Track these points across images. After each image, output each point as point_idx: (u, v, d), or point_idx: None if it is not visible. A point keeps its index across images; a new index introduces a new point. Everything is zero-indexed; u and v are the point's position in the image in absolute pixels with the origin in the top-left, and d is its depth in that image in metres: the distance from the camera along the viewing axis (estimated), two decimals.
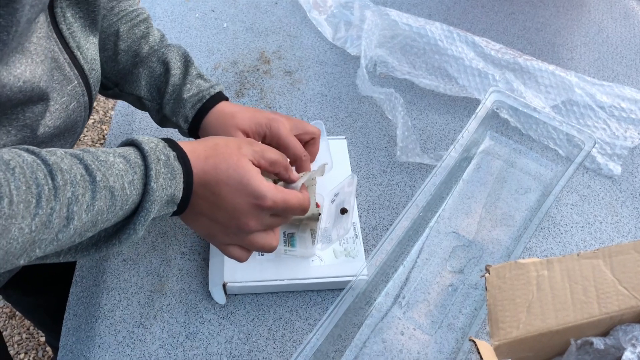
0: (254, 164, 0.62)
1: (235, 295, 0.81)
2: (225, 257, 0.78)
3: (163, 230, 0.86)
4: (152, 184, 0.54)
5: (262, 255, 0.79)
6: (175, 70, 0.74)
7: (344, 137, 0.97)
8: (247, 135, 0.72)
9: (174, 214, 0.60)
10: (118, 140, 0.95)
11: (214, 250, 0.82)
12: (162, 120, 0.77)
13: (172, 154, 0.58)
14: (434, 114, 1.07)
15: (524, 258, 0.83)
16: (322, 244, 0.80)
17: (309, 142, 0.77)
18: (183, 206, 0.59)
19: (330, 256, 0.81)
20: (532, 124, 0.98)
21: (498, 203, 0.93)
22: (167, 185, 0.56)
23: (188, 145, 0.61)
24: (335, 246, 0.82)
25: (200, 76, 0.75)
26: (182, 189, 0.58)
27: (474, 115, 0.90)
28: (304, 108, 1.05)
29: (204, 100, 0.74)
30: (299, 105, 1.05)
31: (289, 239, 0.80)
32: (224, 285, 0.77)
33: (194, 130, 0.75)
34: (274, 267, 0.78)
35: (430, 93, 1.09)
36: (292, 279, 0.78)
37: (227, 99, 0.75)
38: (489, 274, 0.73)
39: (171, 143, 0.59)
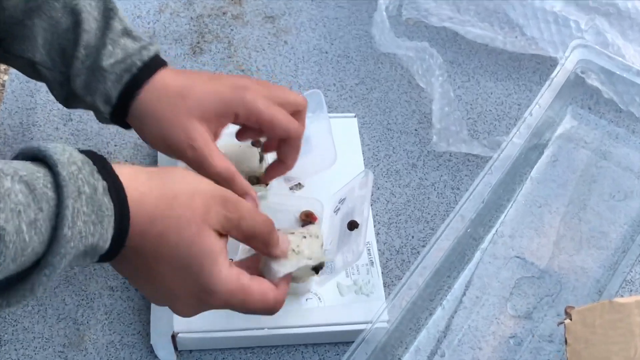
0: (220, 234, 0.62)
1: (191, 351, 0.80)
2: None
3: None
4: (66, 229, 0.53)
5: None
6: (90, 23, 0.73)
7: (353, 114, 0.97)
8: (209, 123, 0.72)
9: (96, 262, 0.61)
10: (14, 121, 0.95)
11: None
12: (69, 99, 0.76)
13: (101, 184, 0.56)
14: (488, 80, 1.06)
15: (622, 296, 0.83)
16: (321, 274, 0.79)
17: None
18: (107, 259, 0.60)
19: (333, 293, 0.81)
20: (636, 96, 0.98)
21: (584, 214, 0.92)
22: (89, 232, 0.55)
23: (131, 180, 0.59)
24: (340, 278, 0.82)
25: (127, 33, 0.74)
26: (109, 240, 0.57)
27: (548, 83, 0.90)
28: (293, 71, 1.05)
29: (135, 70, 0.73)
30: (286, 67, 1.05)
31: None
32: (174, 337, 0.77)
33: (120, 116, 0.74)
34: None
35: (482, 49, 1.09)
36: (275, 327, 0.78)
37: (165, 65, 0.75)
38: (571, 319, 0.73)
39: (102, 165, 0.58)
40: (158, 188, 0.60)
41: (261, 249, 0.67)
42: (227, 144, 0.79)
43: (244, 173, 0.79)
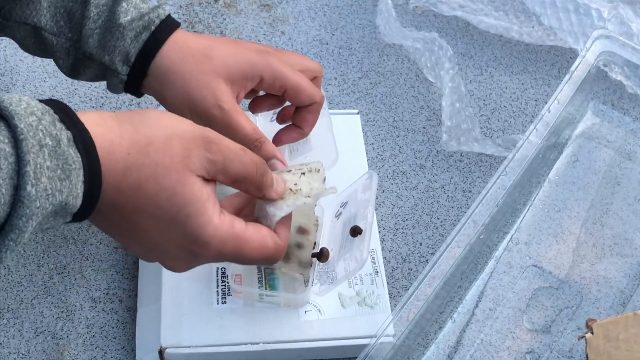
0: (205, 180, 0.62)
1: None
2: (163, 308, 0.78)
3: (61, 261, 0.86)
4: (29, 187, 0.53)
5: (224, 303, 0.79)
6: None
7: (356, 111, 0.96)
8: (233, 85, 0.74)
9: (70, 221, 0.60)
10: None
11: (144, 295, 0.82)
12: (77, 65, 0.77)
13: (65, 135, 0.55)
14: (502, 73, 1.06)
15: None
16: (321, 284, 0.79)
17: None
18: (82, 217, 0.60)
19: (334, 305, 0.81)
20: None
21: (607, 219, 0.92)
22: (55, 188, 0.54)
23: (99, 126, 0.58)
24: (342, 289, 0.82)
25: None
26: (80, 196, 0.57)
27: (567, 77, 0.90)
28: None
29: (153, 28, 0.74)
30: None
31: (268, 278, 0.80)
32: (161, 353, 0.77)
33: (136, 77, 0.75)
34: (242, 322, 0.78)
35: (496, 40, 1.09)
36: (272, 342, 0.78)
37: (180, 25, 0.77)
38: (592, 333, 0.73)
39: (65, 113, 0.57)
40: (130, 134, 0.59)
41: (253, 192, 0.65)
42: None
43: None
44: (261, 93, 0.81)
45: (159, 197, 0.59)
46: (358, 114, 0.96)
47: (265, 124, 0.88)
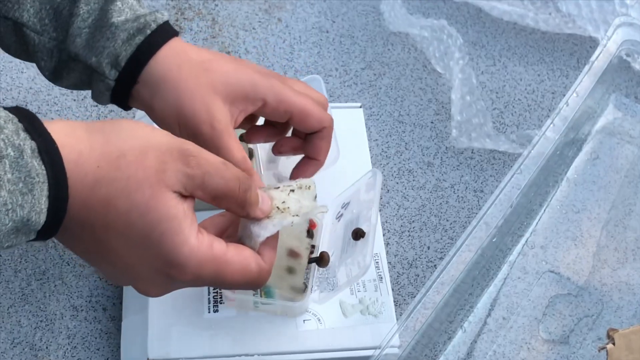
0: (183, 196, 0.61)
1: None
2: (150, 317, 0.78)
3: (40, 267, 0.86)
4: None
5: (216, 312, 0.79)
6: None
7: (359, 104, 0.96)
8: (232, 105, 0.72)
9: (30, 240, 0.59)
10: None
11: (130, 303, 0.82)
12: (60, 67, 0.75)
13: (29, 145, 0.55)
14: (517, 64, 1.06)
15: None
16: (320, 292, 0.79)
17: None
18: (47, 235, 0.59)
19: (335, 313, 0.81)
20: None
21: (629, 220, 0.92)
22: (16, 203, 0.54)
23: (67, 137, 0.57)
24: (344, 296, 0.82)
25: None
26: (44, 212, 0.56)
27: (587, 67, 0.90)
28: (288, 54, 1.05)
29: (148, 31, 0.73)
30: (280, 50, 1.05)
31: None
32: None
33: (125, 87, 0.74)
34: (235, 332, 0.78)
35: (510, 28, 1.09)
36: (267, 353, 0.78)
37: (178, 35, 0.76)
38: (614, 344, 0.73)
39: (30, 122, 0.56)
40: (100, 145, 0.59)
41: (236, 210, 0.64)
42: None
43: None
44: (259, 122, 0.79)
45: (131, 213, 0.58)
46: (361, 107, 0.96)
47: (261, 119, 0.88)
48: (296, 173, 0.80)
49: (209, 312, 0.79)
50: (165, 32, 0.74)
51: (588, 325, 0.85)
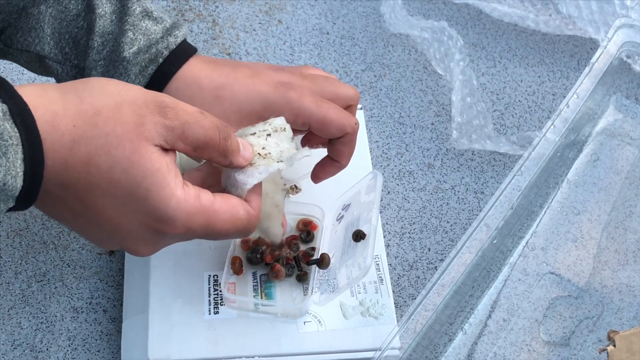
0: (164, 149, 0.60)
1: None
2: (151, 319, 0.78)
3: (41, 268, 0.86)
4: None
5: (216, 313, 0.79)
6: (104, 6, 0.73)
7: (359, 106, 0.96)
8: (247, 122, 0.71)
9: (13, 209, 0.58)
10: None
11: (130, 304, 0.82)
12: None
13: (0, 108, 0.54)
14: (517, 65, 1.06)
15: None
16: (321, 293, 0.79)
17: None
18: (28, 201, 0.58)
19: (335, 315, 0.81)
20: None
21: (630, 222, 0.92)
22: None
23: (39, 97, 0.57)
24: (344, 298, 0.82)
25: (147, 14, 0.74)
26: (21, 175, 0.55)
27: (587, 69, 0.90)
28: (288, 55, 1.05)
29: (161, 60, 0.73)
30: (281, 51, 1.05)
31: (264, 286, 0.80)
32: None
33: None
34: (236, 334, 0.78)
35: (510, 29, 1.09)
36: (268, 355, 0.78)
37: (195, 51, 0.75)
38: (615, 346, 0.72)
39: (1, 84, 0.56)
40: (74, 104, 0.58)
41: (218, 159, 0.64)
42: None
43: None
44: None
45: (113, 170, 0.58)
46: (361, 109, 0.96)
47: None
48: (317, 172, 0.80)
49: (210, 313, 0.79)
50: (178, 57, 0.74)
51: (589, 327, 0.85)
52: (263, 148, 0.67)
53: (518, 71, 1.05)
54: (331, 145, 0.78)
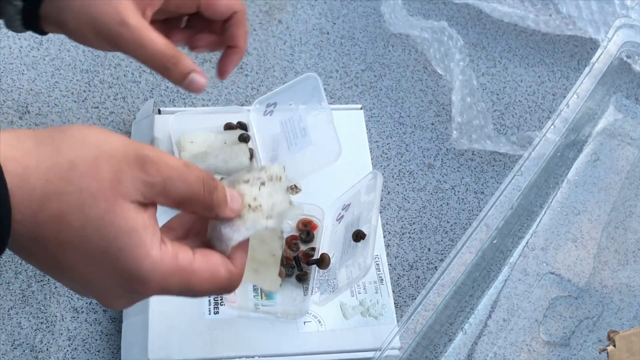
0: (143, 204, 0.58)
1: None
2: (151, 319, 0.78)
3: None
4: None
5: (216, 313, 0.79)
6: None
7: (359, 106, 0.96)
8: (138, 0, 0.70)
9: None
10: None
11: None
12: None
13: None
14: (517, 65, 1.06)
15: None
16: (321, 293, 0.79)
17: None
18: None
19: (335, 315, 0.81)
20: None
21: (630, 222, 0.92)
22: None
23: (12, 149, 0.55)
24: (344, 298, 0.82)
25: None
26: None
27: (587, 69, 0.90)
28: (289, 55, 1.05)
29: None
30: (281, 51, 1.05)
31: None
32: None
33: (34, 8, 0.70)
34: (236, 334, 0.78)
35: (510, 29, 1.09)
36: (268, 355, 0.78)
37: None
38: (615, 346, 0.72)
39: None
40: (49, 157, 0.55)
41: (203, 213, 0.61)
42: (212, 142, 0.79)
43: (233, 171, 0.79)
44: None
45: (86, 229, 0.55)
46: (361, 109, 0.96)
47: (259, 118, 0.88)
48: (222, 64, 0.79)
49: (210, 314, 0.79)
50: None
51: (589, 327, 0.85)
52: (254, 199, 0.63)
53: (518, 71, 1.05)
54: (225, 32, 0.77)
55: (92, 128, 0.57)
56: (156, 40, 0.69)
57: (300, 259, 0.81)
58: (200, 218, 0.63)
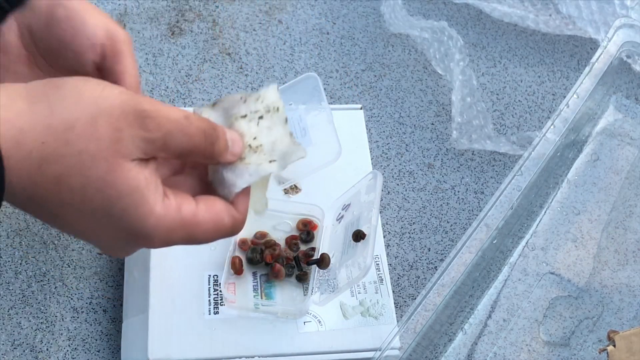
0: (143, 160, 0.57)
1: None
2: (151, 319, 0.78)
3: (41, 268, 0.86)
4: None
5: (216, 313, 0.79)
6: None
7: (359, 106, 0.96)
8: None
9: None
10: None
11: (130, 305, 0.82)
12: None
13: None
14: (517, 65, 1.06)
15: None
16: (321, 293, 0.79)
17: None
18: None
19: (335, 315, 0.81)
20: None
21: (630, 222, 0.92)
22: None
23: (5, 110, 0.53)
24: (344, 298, 0.82)
25: None
26: None
27: (587, 69, 0.90)
28: (289, 55, 1.05)
29: None
30: (281, 51, 1.05)
31: (264, 286, 0.80)
32: None
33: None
34: (236, 334, 0.78)
35: (510, 29, 1.09)
36: (268, 355, 0.78)
37: None
38: (615, 346, 0.72)
39: None
40: (44, 118, 0.54)
41: (204, 162, 0.60)
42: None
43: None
44: None
45: (86, 190, 0.55)
46: (361, 109, 0.96)
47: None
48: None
49: (209, 313, 0.79)
50: None
51: (588, 327, 0.85)
52: (254, 138, 0.61)
53: (518, 71, 1.05)
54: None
55: (87, 81, 0.56)
56: (95, 17, 0.64)
57: (300, 259, 0.81)
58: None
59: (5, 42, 0.65)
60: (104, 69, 0.65)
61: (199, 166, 0.62)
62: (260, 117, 0.62)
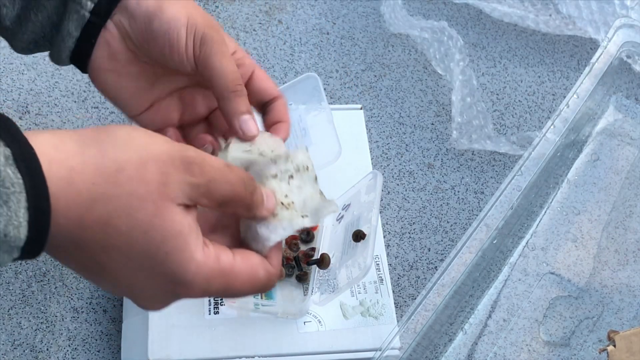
0: (187, 206, 0.57)
1: None
2: (151, 319, 0.78)
3: (41, 268, 0.86)
4: None
5: (216, 313, 0.79)
6: None
7: (359, 106, 0.96)
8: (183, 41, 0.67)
9: (20, 258, 0.55)
10: None
11: (130, 305, 0.82)
12: (28, 7, 0.68)
13: (2, 152, 0.51)
14: (517, 65, 1.06)
15: None
16: (321, 293, 0.79)
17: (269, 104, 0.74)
18: (35, 251, 0.54)
19: (335, 315, 0.81)
20: None
21: (630, 222, 0.92)
22: None
23: (56, 150, 0.53)
24: (344, 298, 0.82)
25: None
26: (25, 224, 0.52)
27: (587, 69, 0.90)
28: (289, 55, 1.05)
29: None
30: (281, 51, 1.05)
31: None
32: None
33: (86, 39, 0.68)
34: (236, 334, 0.78)
35: (510, 29, 1.09)
36: (268, 355, 0.78)
37: None
38: (615, 346, 0.73)
39: (5, 127, 0.52)
40: (95, 159, 0.54)
41: (242, 213, 0.61)
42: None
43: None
44: None
45: (133, 232, 0.55)
46: (361, 109, 0.96)
47: (259, 118, 0.88)
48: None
49: (210, 313, 0.79)
50: None
51: (589, 327, 0.85)
52: (286, 196, 0.63)
53: (518, 71, 1.05)
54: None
55: (135, 129, 0.57)
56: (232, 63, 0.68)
57: (300, 259, 0.81)
58: (224, 213, 0.63)
59: (113, 50, 0.69)
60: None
61: (232, 224, 0.64)
62: (291, 177, 0.64)
